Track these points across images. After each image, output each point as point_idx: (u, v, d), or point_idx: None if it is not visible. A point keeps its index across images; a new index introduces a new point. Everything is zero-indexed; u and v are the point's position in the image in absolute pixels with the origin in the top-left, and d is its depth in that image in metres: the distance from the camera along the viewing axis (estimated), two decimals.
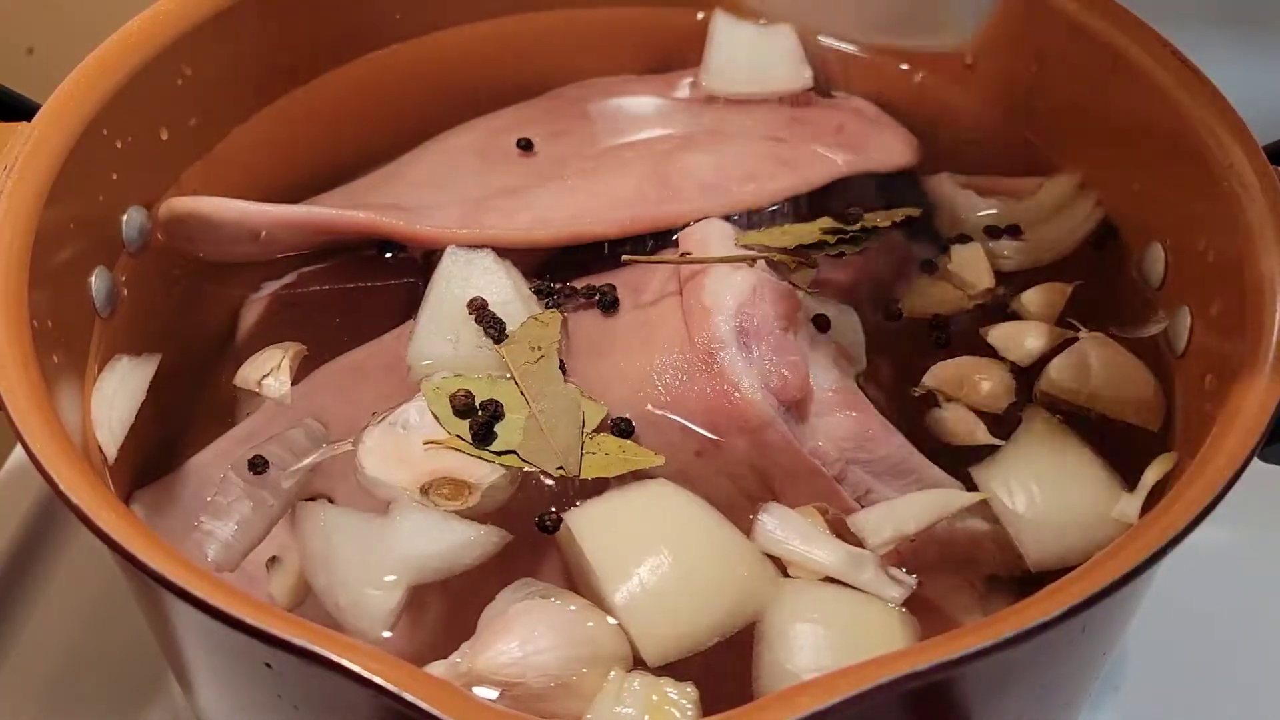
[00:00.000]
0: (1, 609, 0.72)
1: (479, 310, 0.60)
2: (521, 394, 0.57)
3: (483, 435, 0.56)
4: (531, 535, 0.54)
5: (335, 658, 0.40)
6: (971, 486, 0.57)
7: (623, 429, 0.56)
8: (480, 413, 0.56)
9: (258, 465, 0.56)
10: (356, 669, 0.40)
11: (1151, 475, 0.55)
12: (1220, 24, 0.86)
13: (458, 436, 0.56)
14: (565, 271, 0.64)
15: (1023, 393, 0.61)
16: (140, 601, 0.54)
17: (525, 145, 0.71)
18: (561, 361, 0.58)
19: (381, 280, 0.66)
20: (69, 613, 0.72)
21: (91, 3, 0.76)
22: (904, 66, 0.76)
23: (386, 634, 0.51)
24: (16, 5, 0.98)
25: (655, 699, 0.47)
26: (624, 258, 0.62)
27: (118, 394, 0.58)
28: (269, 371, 0.60)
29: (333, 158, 0.72)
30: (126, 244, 0.63)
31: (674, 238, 0.65)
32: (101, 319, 0.60)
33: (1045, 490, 0.56)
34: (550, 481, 0.55)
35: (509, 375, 0.58)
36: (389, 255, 0.67)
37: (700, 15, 0.78)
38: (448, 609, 0.53)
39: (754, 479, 0.56)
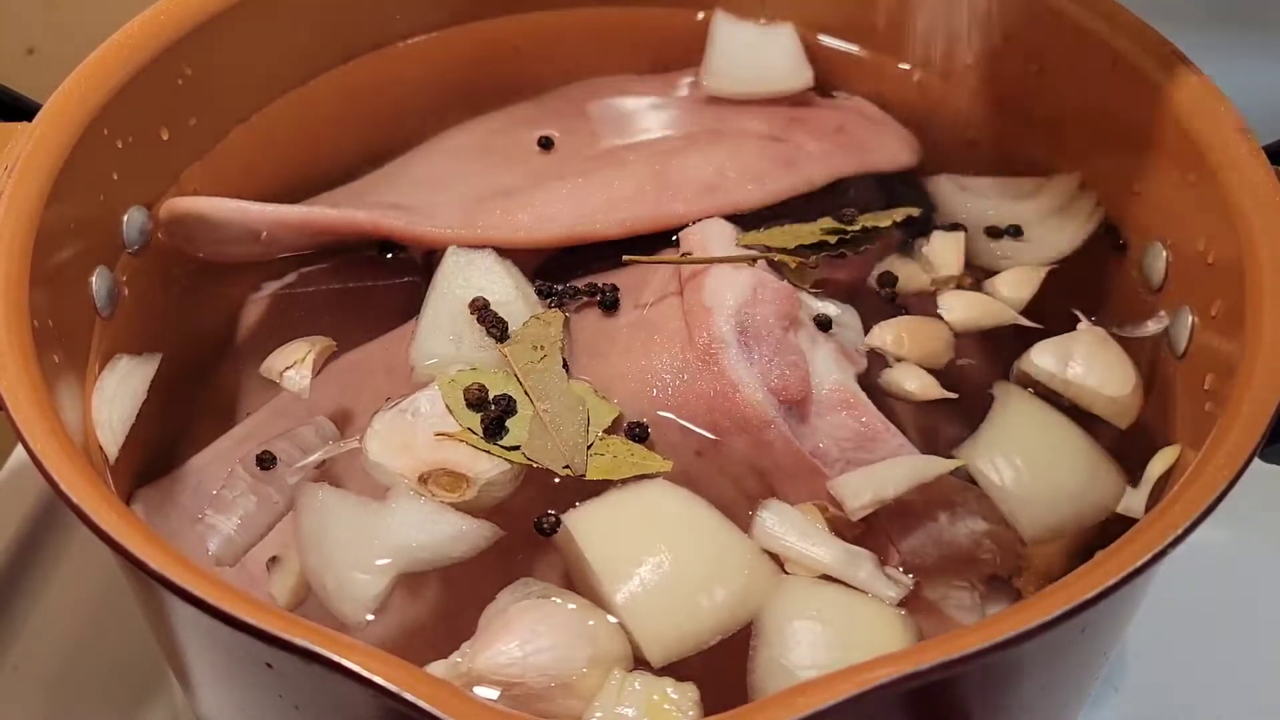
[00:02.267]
0: (1, 609, 0.72)
1: (481, 310, 0.60)
2: (526, 393, 0.57)
3: (494, 430, 0.56)
4: (530, 535, 0.54)
5: (336, 658, 0.40)
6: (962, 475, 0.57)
7: (637, 434, 0.56)
8: (493, 407, 0.56)
9: (266, 461, 0.56)
10: (357, 669, 0.40)
11: (1156, 468, 0.55)
12: (1220, 24, 0.86)
13: (469, 429, 0.56)
14: (566, 271, 0.64)
15: (998, 370, 0.61)
16: (140, 601, 0.54)
17: (546, 143, 0.71)
18: (565, 361, 0.59)
19: (382, 280, 0.66)
20: (69, 613, 0.72)
21: (91, 3, 0.76)
22: (904, 66, 0.76)
23: (369, 617, 0.51)
24: (16, 5, 0.98)
25: (656, 699, 0.47)
26: (624, 258, 0.62)
27: (118, 393, 0.58)
28: (293, 364, 0.60)
29: (333, 158, 0.72)
30: (127, 244, 0.63)
31: (674, 238, 0.65)
32: (102, 319, 0.60)
33: (1030, 463, 0.56)
34: (555, 480, 0.55)
35: (513, 374, 0.58)
36: (390, 255, 0.67)
37: (700, 15, 0.78)
38: (447, 608, 0.53)
39: (754, 479, 0.56)
